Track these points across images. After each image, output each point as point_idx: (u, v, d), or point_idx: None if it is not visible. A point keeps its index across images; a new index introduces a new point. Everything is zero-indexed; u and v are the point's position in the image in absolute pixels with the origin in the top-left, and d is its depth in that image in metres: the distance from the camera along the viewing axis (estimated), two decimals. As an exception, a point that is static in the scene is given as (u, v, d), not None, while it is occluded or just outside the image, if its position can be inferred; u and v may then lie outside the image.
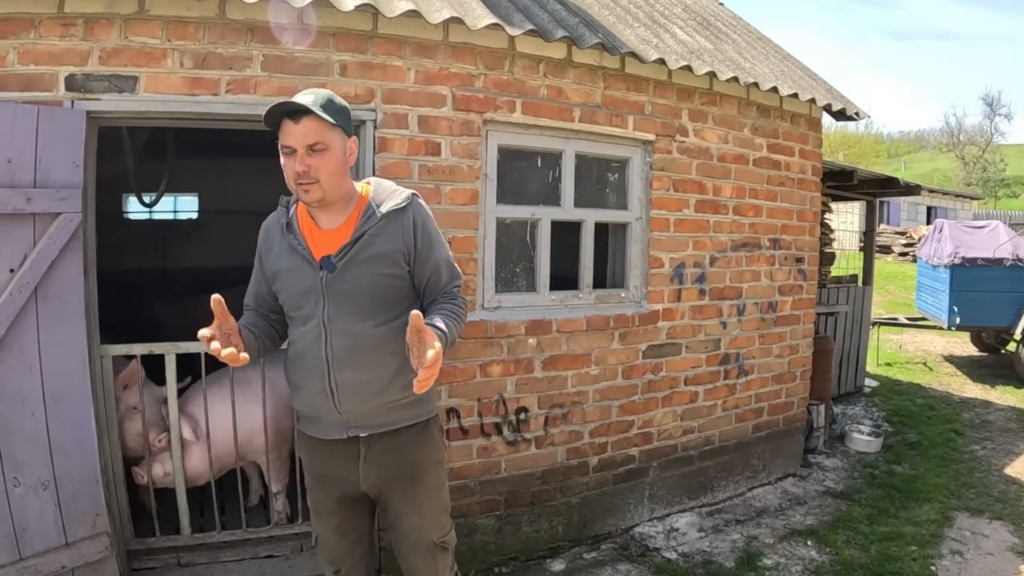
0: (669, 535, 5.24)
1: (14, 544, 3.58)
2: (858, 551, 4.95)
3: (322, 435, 2.87)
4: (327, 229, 2.79)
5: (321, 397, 2.77)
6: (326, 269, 2.72)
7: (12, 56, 3.55)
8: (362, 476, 2.87)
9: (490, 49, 4.45)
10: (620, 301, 5.19)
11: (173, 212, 10.11)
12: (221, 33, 3.83)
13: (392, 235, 2.76)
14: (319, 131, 2.61)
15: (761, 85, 5.44)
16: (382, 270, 2.76)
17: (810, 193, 6.30)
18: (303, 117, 2.59)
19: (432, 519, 3.00)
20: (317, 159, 2.62)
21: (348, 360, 2.73)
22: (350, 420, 2.79)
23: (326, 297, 2.72)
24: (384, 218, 2.75)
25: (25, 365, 3.56)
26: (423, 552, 2.98)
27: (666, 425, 5.44)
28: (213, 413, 4.35)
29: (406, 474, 2.91)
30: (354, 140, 2.81)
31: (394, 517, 2.97)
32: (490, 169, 4.56)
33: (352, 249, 2.72)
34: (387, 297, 2.79)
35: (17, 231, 3.49)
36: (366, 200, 2.82)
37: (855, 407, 8.91)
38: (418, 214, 2.83)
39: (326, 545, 3.05)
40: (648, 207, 5.19)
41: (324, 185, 2.65)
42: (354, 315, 2.73)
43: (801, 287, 6.30)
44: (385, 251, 2.75)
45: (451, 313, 2.78)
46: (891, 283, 20.24)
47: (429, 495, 2.98)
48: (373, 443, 2.84)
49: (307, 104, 2.57)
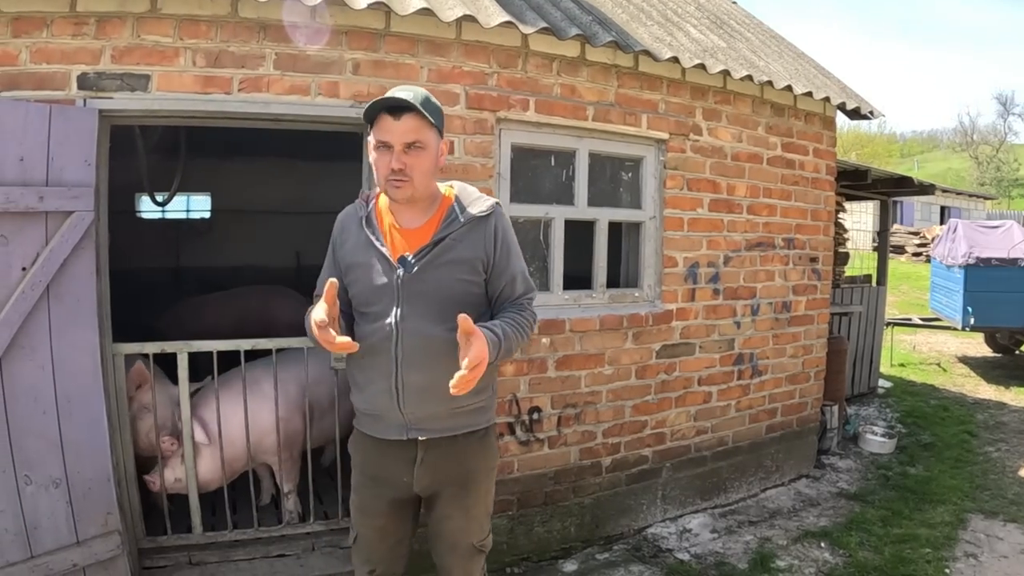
0: (682, 536, 5.22)
1: (25, 542, 3.59)
2: (872, 553, 4.91)
3: (381, 434, 2.84)
4: (407, 228, 2.77)
5: (386, 397, 2.74)
6: (403, 268, 2.68)
7: (24, 55, 3.56)
8: (416, 478, 2.84)
9: (503, 47, 4.44)
10: (634, 301, 5.17)
11: (186, 212, 10.13)
12: (234, 32, 3.83)
13: (474, 241, 2.75)
14: (418, 129, 2.59)
15: (775, 83, 5.42)
16: (460, 275, 2.74)
17: (824, 192, 6.27)
18: (404, 114, 2.56)
19: (476, 523, 2.99)
20: (413, 157, 2.60)
21: (417, 362, 2.69)
22: (411, 422, 2.77)
23: (400, 296, 2.69)
24: (467, 224, 2.74)
25: (37, 364, 3.56)
26: (462, 554, 2.97)
27: (679, 425, 5.41)
28: (225, 416, 4.34)
29: (460, 479, 2.90)
30: (446, 141, 2.80)
31: (439, 518, 2.95)
32: (503, 168, 4.55)
33: (432, 251, 2.69)
34: (462, 303, 2.73)
35: (29, 229, 3.49)
36: (449, 202, 2.80)
37: (869, 408, 8.88)
38: (500, 223, 2.82)
39: (365, 545, 3.00)
40: (662, 206, 5.17)
41: (416, 184, 2.63)
42: (428, 318, 2.69)
43: (815, 287, 6.27)
44: (465, 257, 2.73)
45: (514, 322, 2.76)
46: (905, 283, 20.18)
47: (478, 500, 2.98)
48: (431, 447, 2.82)
49: (409, 100, 2.55)
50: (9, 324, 3.45)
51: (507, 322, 2.73)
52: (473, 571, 3.02)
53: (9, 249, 3.46)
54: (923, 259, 24.35)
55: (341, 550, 4.45)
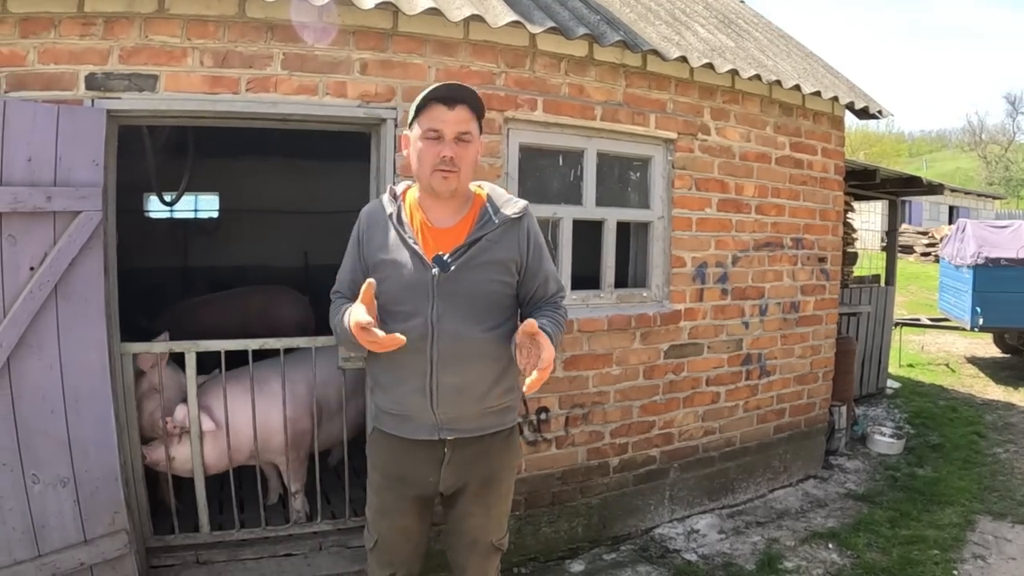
0: (689, 537, 5.21)
1: (32, 540, 3.59)
2: (880, 554, 4.90)
3: (409, 435, 2.81)
4: (439, 227, 2.76)
5: (419, 396, 2.72)
6: (439, 267, 2.67)
7: (32, 55, 3.58)
8: (443, 478, 2.84)
9: (511, 47, 4.43)
10: (642, 301, 5.16)
11: (194, 211, 10.14)
12: (241, 32, 3.83)
13: (508, 243, 2.76)
14: (469, 121, 2.65)
15: (783, 83, 5.40)
16: (495, 276, 2.75)
17: (833, 192, 6.26)
18: (458, 104, 2.60)
19: (497, 521, 3.00)
20: (463, 148, 2.64)
21: (453, 362, 2.69)
22: (443, 422, 2.75)
23: (435, 296, 2.67)
24: (501, 225, 2.75)
25: (45, 363, 3.57)
26: (480, 552, 2.98)
27: (687, 426, 5.40)
28: (231, 404, 4.35)
29: (486, 479, 2.90)
30: (481, 141, 2.81)
31: (460, 515, 2.95)
32: (511, 168, 4.54)
33: (469, 251, 2.70)
34: (496, 304, 2.78)
35: (37, 229, 3.50)
36: (482, 203, 2.81)
37: (877, 408, 8.84)
38: (531, 225, 2.86)
39: (388, 548, 2.98)
40: (670, 206, 5.16)
41: (463, 176, 2.67)
42: (464, 318, 2.69)
43: (824, 287, 6.25)
44: (500, 258, 2.75)
45: (554, 320, 2.78)
46: (913, 283, 20.14)
47: (500, 498, 2.99)
48: (459, 447, 2.81)
49: (464, 93, 2.62)
50: (17, 323, 3.45)
51: (551, 320, 2.75)
52: (489, 570, 3.03)
53: (17, 249, 3.46)
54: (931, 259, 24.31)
55: (348, 550, 4.47)
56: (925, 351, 12.78)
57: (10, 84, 3.56)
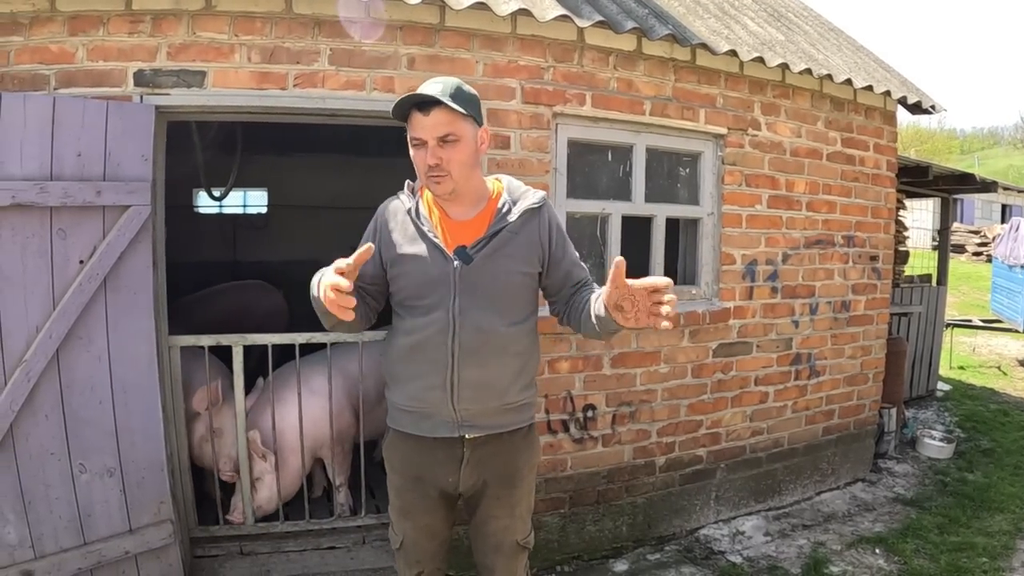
0: (734, 538, 5.15)
1: (78, 529, 3.65)
2: (927, 561, 4.80)
3: (427, 432, 2.76)
4: (458, 220, 2.73)
5: (439, 392, 2.68)
6: (460, 259, 2.64)
7: (81, 53, 3.64)
8: (462, 478, 2.80)
9: (559, 41, 4.40)
10: (691, 298, 5.11)
11: (243, 207, 10.24)
12: (288, 28, 3.86)
13: (529, 234, 2.73)
14: (449, 122, 2.55)
15: (835, 77, 5.31)
16: (519, 268, 2.71)
17: (885, 189, 6.14)
18: (433, 108, 2.53)
19: (521, 520, 2.95)
20: (448, 151, 2.56)
21: (475, 356, 2.64)
22: (463, 419, 2.71)
23: (457, 288, 2.64)
24: (521, 216, 2.71)
25: (94, 355, 3.62)
26: (506, 552, 2.93)
27: (735, 426, 5.34)
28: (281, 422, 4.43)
29: (506, 478, 2.85)
30: (485, 129, 2.72)
31: (483, 517, 2.91)
32: (560, 163, 4.51)
33: (490, 243, 2.66)
34: (519, 296, 2.74)
35: (87, 223, 3.55)
36: (500, 195, 2.78)
37: (927, 411, 8.69)
38: (551, 215, 2.81)
39: (413, 547, 2.94)
40: (720, 202, 5.10)
41: (456, 177, 2.60)
42: (487, 311, 2.65)
43: (875, 286, 6.14)
44: (522, 249, 2.71)
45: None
46: (964, 284, 19.82)
47: (522, 498, 2.94)
48: (478, 446, 2.77)
49: (435, 94, 2.51)
50: (66, 315, 3.50)
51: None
52: (517, 570, 2.98)
53: (67, 242, 3.51)
54: (983, 259, 23.92)
55: (392, 544, 4.47)
56: (976, 353, 12.52)
57: (60, 81, 3.62)
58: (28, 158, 3.42)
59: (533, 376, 2.86)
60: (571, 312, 2.81)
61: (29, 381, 3.46)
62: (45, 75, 3.61)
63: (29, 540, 3.56)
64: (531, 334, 2.76)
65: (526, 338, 2.70)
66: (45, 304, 3.49)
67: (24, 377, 3.45)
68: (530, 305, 2.80)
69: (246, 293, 7.60)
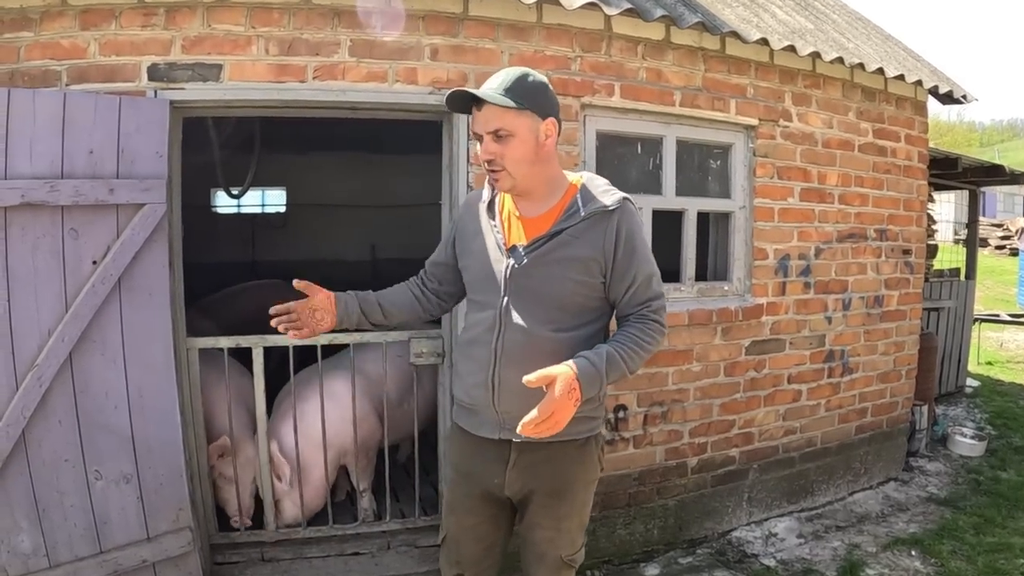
0: (767, 541, 5.04)
1: (94, 537, 3.59)
2: (964, 563, 4.68)
3: (475, 430, 2.74)
4: (527, 217, 2.64)
5: (482, 390, 2.63)
6: (513, 259, 2.57)
7: (93, 47, 3.58)
8: (508, 482, 2.71)
9: (585, 31, 4.29)
10: (723, 294, 4.98)
11: (261, 206, 10.24)
12: (307, 18, 3.78)
13: (593, 239, 2.55)
14: (501, 117, 2.46)
15: (867, 66, 5.17)
16: (574, 275, 2.56)
17: (916, 181, 6.00)
18: (484, 103, 2.46)
19: (567, 536, 2.80)
20: (502, 146, 2.48)
21: (517, 358, 2.54)
22: (505, 420, 2.60)
23: (507, 288, 2.57)
24: (586, 219, 2.56)
25: (109, 358, 3.55)
26: (549, 566, 2.80)
27: (768, 425, 5.22)
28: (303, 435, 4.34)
29: (554, 489, 2.72)
30: (551, 122, 2.56)
31: (529, 526, 2.79)
32: (588, 155, 4.40)
33: (546, 245, 2.55)
34: (573, 304, 2.59)
35: (100, 222, 3.47)
36: (574, 193, 2.63)
37: (957, 408, 8.55)
38: (625, 221, 2.59)
39: (453, 545, 2.89)
40: (751, 196, 4.98)
41: (513, 173, 2.51)
42: (533, 315, 2.56)
43: (908, 280, 6.00)
44: (581, 255, 2.55)
45: (631, 340, 2.53)
46: (988, 278, 19.66)
47: (570, 513, 2.79)
48: (524, 451, 2.66)
49: (488, 89, 2.46)
50: (80, 317, 3.43)
51: (620, 343, 2.51)
52: None
53: (79, 242, 3.44)
54: (1006, 252, 23.73)
55: (417, 549, 4.41)
56: (1004, 348, 12.43)
57: (71, 77, 3.56)
58: (38, 156, 3.35)
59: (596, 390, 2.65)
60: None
61: (41, 386, 3.39)
62: (56, 71, 3.55)
63: (43, 549, 3.50)
64: (588, 343, 2.57)
65: (581, 347, 2.51)
66: (57, 306, 3.42)
67: (36, 382, 3.38)
68: (589, 314, 2.64)
69: (266, 293, 7.53)
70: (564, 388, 2.28)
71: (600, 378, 2.40)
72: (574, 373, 2.33)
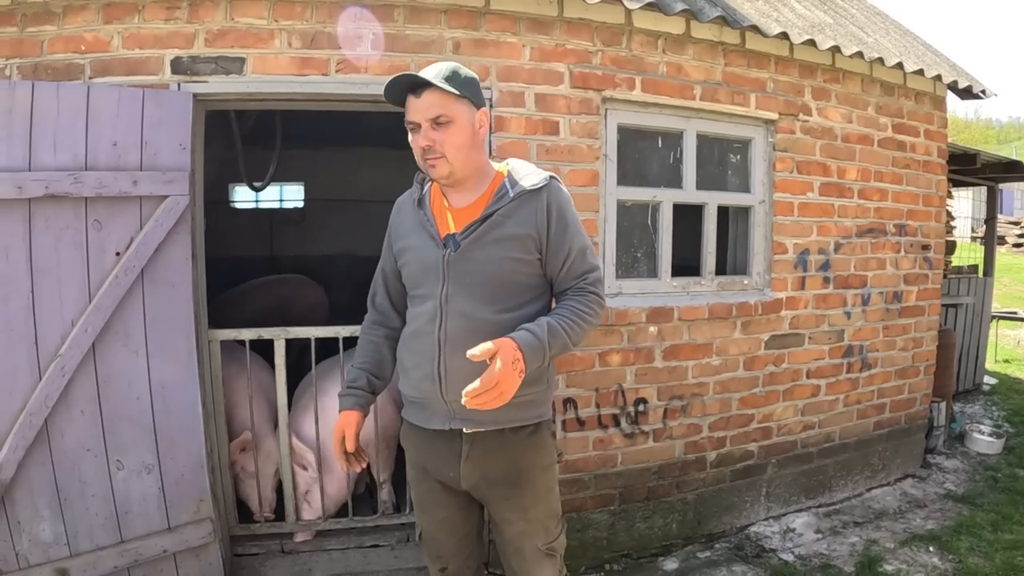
0: (785, 536, 5.02)
1: (115, 527, 3.63)
2: (982, 559, 4.65)
3: (425, 424, 2.72)
4: (458, 207, 2.65)
5: (429, 382, 2.60)
6: (449, 247, 2.57)
7: (117, 41, 3.60)
8: (463, 475, 2.69)
9: (606, 24, 4.28)
10: (743, 288, 4.98)
11: (279, 201, 10.25)
12: (329, 12, 3.79)
13: (524, 217, 2.58)
14: (442, 103, 2.48)
15: (886, 60, 5.15)
16: (510, 254, 2.57)
17: (936, 176, 5.96)
18: (425, 90, 2.48)
19: (538, 525, 2.79)
20: (441, 133, 2.50)
21: (462, 345, 2.48)
22: (455, 410, 2.60)
23: (446, 276, 2.57)
24: (517, 199, 2.58)
25: (131, 349, 3.57)
26: (527, 558, 2.79)
27: (786, 420, 5.20)
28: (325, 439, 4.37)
29: (511, 479, 2.71)
30: (484, 112, 2.62)
31: (499, 524, 2.81)
32: (610, 149, 4.39)
33: (479, 228, 2.55)
34: (513, 284, 2.60)
35: (123, 214, 3.50)
36: (501, 178, 2.66)
37: (974, 405, 8.50)
38: (554, 197, 2.63)
39: (432, 541, 2.90)
40: (771, 190, 4.97)
41: (451, 160, 2.52)
42: (475, 298, 2.55)
43: (927, 276, 5.97)
44: (515, 233, 2.56)
45: (571, 313, 2.56)
46: (1006, 275, 19.52)
47: (535, 501, 2.77)
48: (477, 441, 2.66)
49: (428, 77, 2.46)
50: (103, 308, 3.45)
51: (560, 316, 2.54)
52: (544, 574, 2.84)
53: (103, 234, 3.47)
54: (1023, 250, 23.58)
55: (436, 543, 4.39)
56: (1021, 346, 12.33)
57: (95, 70, 3.58)
58: (62, 148, 3.38)
59: (541, 372, 2.66)
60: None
61: (64, 376, 3.42)
62: (80, 64, 3.58)
63: (64, 537, 3.54)
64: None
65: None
66: (80, 297, 3.44)
67: (59, 372, 3.40)
68: (529, 292, 2.64)
69: (286, 287, 7.57)
70: (507, 358, 2.29)
71: (543, 348, 2.41)
72: (516, 343, 2.35)
